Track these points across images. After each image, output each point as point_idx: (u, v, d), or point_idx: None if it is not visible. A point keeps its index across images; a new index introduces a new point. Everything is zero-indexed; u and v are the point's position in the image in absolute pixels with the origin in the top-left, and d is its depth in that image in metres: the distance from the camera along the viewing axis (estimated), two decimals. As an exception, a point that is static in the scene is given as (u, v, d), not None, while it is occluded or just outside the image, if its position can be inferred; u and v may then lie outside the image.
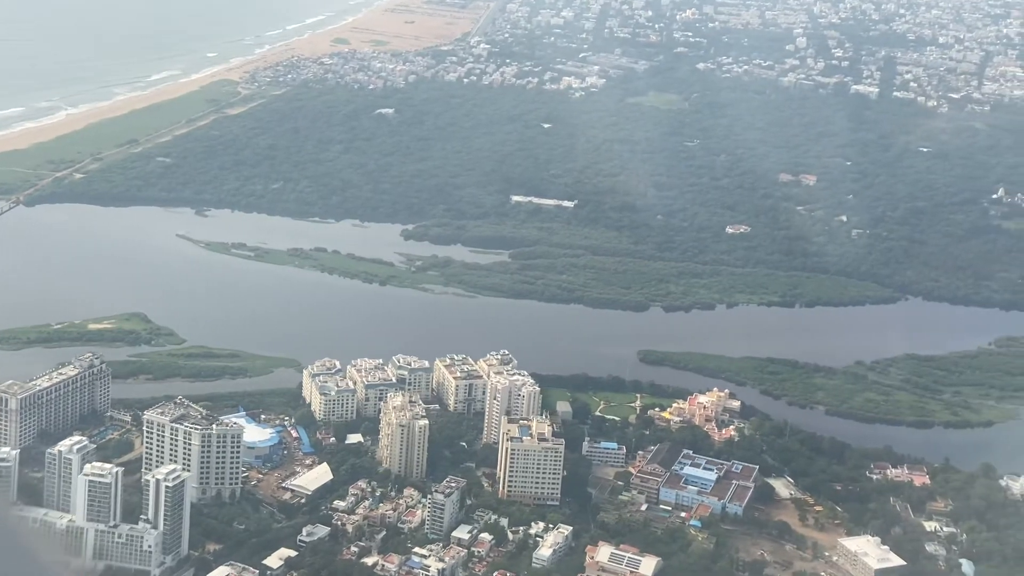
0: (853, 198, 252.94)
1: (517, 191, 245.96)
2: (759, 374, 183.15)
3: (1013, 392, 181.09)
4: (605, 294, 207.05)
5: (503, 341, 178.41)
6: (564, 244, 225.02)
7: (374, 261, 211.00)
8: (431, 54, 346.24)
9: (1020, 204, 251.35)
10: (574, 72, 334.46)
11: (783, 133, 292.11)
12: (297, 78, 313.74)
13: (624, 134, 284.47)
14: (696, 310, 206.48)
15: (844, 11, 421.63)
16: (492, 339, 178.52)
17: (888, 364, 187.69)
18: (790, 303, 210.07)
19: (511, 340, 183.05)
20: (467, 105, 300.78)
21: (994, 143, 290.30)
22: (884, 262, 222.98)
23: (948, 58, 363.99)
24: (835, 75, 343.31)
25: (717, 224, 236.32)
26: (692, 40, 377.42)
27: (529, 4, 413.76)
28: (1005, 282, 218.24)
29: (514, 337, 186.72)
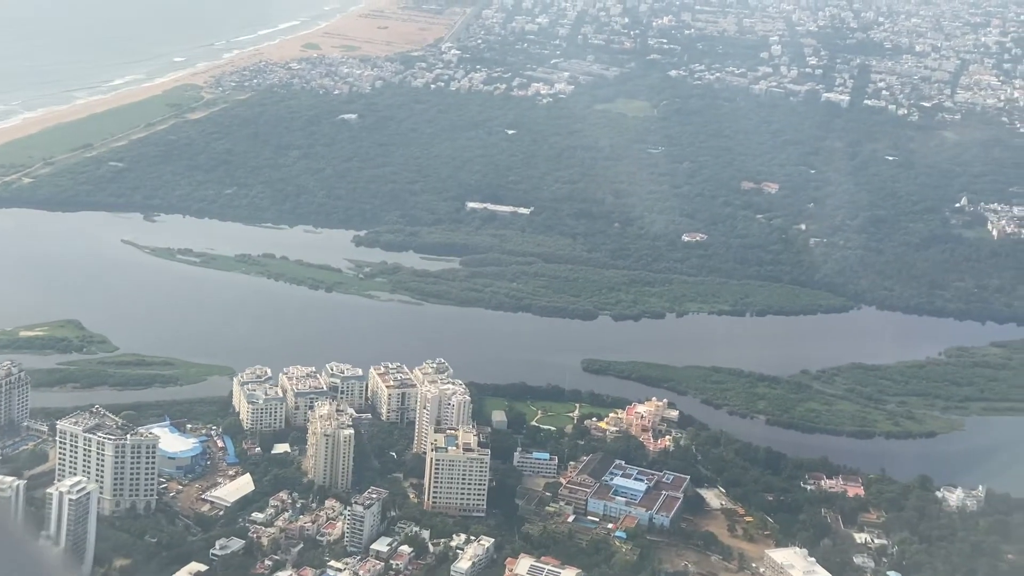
0: (814, 206, 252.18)
1: (474, 197, 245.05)
2: (702, 383, 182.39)
3: (958, 403, 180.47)
4: (554, 302, 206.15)
5: (444, 349, 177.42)
6: (517, 251, 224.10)
7: (322, 267, 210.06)
8: (400, 60, 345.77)
9: (982, 213, 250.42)
10: (543, 78, 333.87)
11: (749, 141, 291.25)
12: (262, 83, 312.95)
13: (588, 141, 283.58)
14: (645, 319, 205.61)
15: (822, 19, 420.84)
16: (433, 347, 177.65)
17: (834, 373, 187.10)
18: (741, 312, 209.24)
19: (453, 348, 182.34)
20: (432, 111, 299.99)
21: (961, 152, 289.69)
22: (839, 271, 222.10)
23: (923, 66, 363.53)
24: (807, 83, 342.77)
25: (674, 232, 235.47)
26: (666, 47, 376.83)
27: (505, 10, 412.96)
28: (960, 291, 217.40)
29: (456, 345, 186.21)
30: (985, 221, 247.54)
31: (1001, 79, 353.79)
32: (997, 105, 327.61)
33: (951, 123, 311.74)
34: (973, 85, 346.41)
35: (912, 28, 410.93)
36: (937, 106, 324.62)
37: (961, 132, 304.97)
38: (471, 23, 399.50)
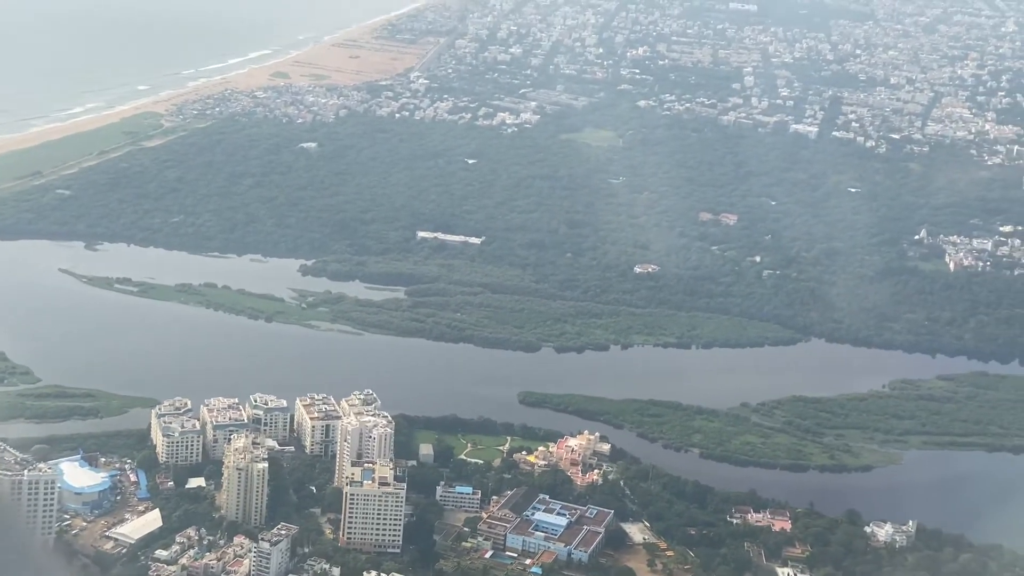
0: (771, 238, 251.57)
1: (426, 227, 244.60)
2: (639, 416, 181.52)
3: (898, 436, 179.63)
4: (496, 333, 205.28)
5: (378, 380, 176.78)
6: (464, 281, 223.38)
7: (264, 297, 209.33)
8: (367, 89, 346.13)
9: (940, 245, 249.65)
10: (510, 108, 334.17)
11: (712, 171, 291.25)
12: (225, 111, 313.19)
13: (548, 170, 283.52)
14: (589, 351, 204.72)
15: (799, 51, 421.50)
16: (367, 378, 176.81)
17: (774, 406, 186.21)
18: (687, 344, 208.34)
19: (387, 379, 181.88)
20: (393, 140, 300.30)
21: (926, 184, 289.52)
22: (788, 303, 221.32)
23: (896, 98, 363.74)
24: (777, 114, 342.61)
25: (625, 263, 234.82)
26: (638, 77, 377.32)
27: (479, 40, 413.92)
28: (910, 324, 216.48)
29: (391, 376, 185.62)
30: (943, 254, 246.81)
31: (974, 112, 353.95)
32: (967, 138, 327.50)
33: (919, 155, 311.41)
34: (945, 118, 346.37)
35: (889, 60, 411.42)
36: (906, 138, 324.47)
37: (928, 164, 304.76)
38: (443, 53, 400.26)
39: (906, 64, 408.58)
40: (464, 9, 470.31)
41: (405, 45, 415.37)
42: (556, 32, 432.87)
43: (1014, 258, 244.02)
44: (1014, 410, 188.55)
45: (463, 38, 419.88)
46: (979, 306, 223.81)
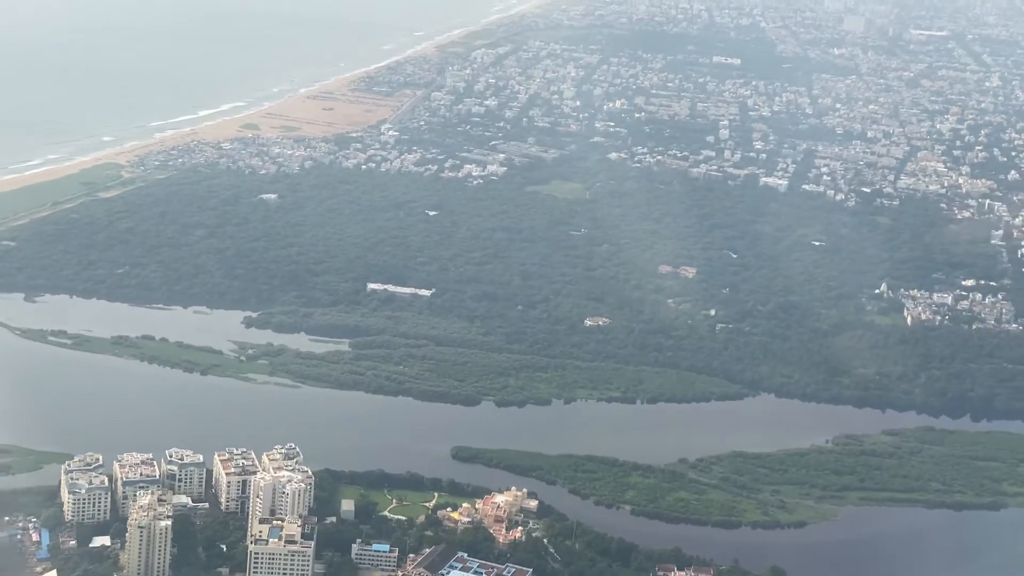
0: (728, 291, 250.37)
1: (378, 278, 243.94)
2: (573, 472, 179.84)
3: (835, 492, 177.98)
4: (436, 387, 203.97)
5: (307, 434, 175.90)
6: (410, 334, 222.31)
7: (203, 349, 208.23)
8: (335, 140, 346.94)
9: (899, 300, 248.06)
10: (478, 160, 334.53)
11: (677, 224, 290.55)
12: (187, 162, 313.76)
13: (509, 222, 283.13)
14: (530, 405, 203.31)
15: (778, 105, 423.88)
16: (297, 431, 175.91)
17: (713, 462, 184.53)
18: (631, 399, 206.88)
19: (317, 432, 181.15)
20: (356, 191, 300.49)
21: (892, 237, 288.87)
22: (738, 358, 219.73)
23: (871, 152, 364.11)
24: (749, 167, 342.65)
25: (577, 316, 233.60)
26: (612, 130, 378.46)
27: (455, 93, 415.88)
28: (861, 378, 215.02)
29: (322, 429, 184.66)
30: (902, 308, 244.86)
31: (948, 166, 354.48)
32: (939, 191, 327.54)
33: (888, 209, 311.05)
34: (919, 171, 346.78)
35: (868, 115, 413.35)
36: (876, 192, 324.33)
37: (896, 218, 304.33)
38: (418, 105, 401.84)
39: (885, 118, 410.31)
40: (444, 62, 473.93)
41: (381, 97, 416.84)
42: (535, 85, 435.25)
43: (974, 312, 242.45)
44: (957, 466, 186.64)
45: (440, 90, 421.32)
46: (932, 361, 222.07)
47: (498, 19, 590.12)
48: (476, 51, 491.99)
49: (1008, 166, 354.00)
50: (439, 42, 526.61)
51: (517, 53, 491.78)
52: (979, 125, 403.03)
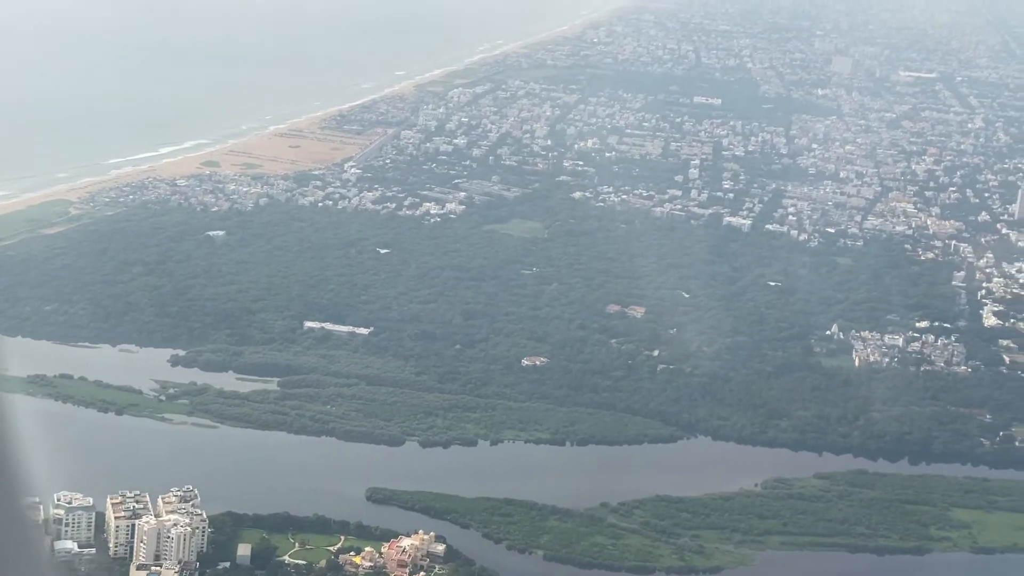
0: (675, 332, 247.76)
1: (316, 317, 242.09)
2: (489, 516, 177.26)
3: (756, 536, 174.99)
4: (361, 427, 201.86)
5: (215, 475, 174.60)
6: (341, 373, 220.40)
7: (123, 389, 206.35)
8: (295, 178, 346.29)
9: (849, 342, 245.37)
10: (437, 198, 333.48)
11: (632, 263, 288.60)
12: (139, 199, 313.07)
13: (460, 261, 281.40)
14: (455, 446, 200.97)
15: (753, 144, 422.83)
16: (204, 473, 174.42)
17: (635, 506, 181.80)
18: (560, 441, 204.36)
19: (225, 474, 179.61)
20: (308, 229, 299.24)
21: (851, 279, 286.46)
22: (676, 399, 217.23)
23: (841, 192, 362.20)
24: (714, 206, 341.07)
25: (515, 355, 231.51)
26: (580, 169, 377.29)
27: (426, 131, 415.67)
28: (799, 421, 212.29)
29: (232, 471, 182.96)
30: (851, 349, 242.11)
31: (919, 207, 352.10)
32: (906, 232, 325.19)
33: (851, 249, 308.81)
34: (887, 212, 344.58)
35: (844, 155, 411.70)
36: (841, 232, 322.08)
37: (859, 259, 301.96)
38: (387, 144, 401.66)
39: (860, 159, 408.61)
40: (420, 101, 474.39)
41: (351, 136, 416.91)
42: (507, 124, 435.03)
43: (924, 354, 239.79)
44: (886, 510, 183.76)
45: (411, 129, 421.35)
46: (874, 403, 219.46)
47: (482, 59, 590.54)
48: (453, 90, 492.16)
49: (979, 207, 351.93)
50: (419, 81, 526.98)
51: (495, 92, 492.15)
52: (956, 167, 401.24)
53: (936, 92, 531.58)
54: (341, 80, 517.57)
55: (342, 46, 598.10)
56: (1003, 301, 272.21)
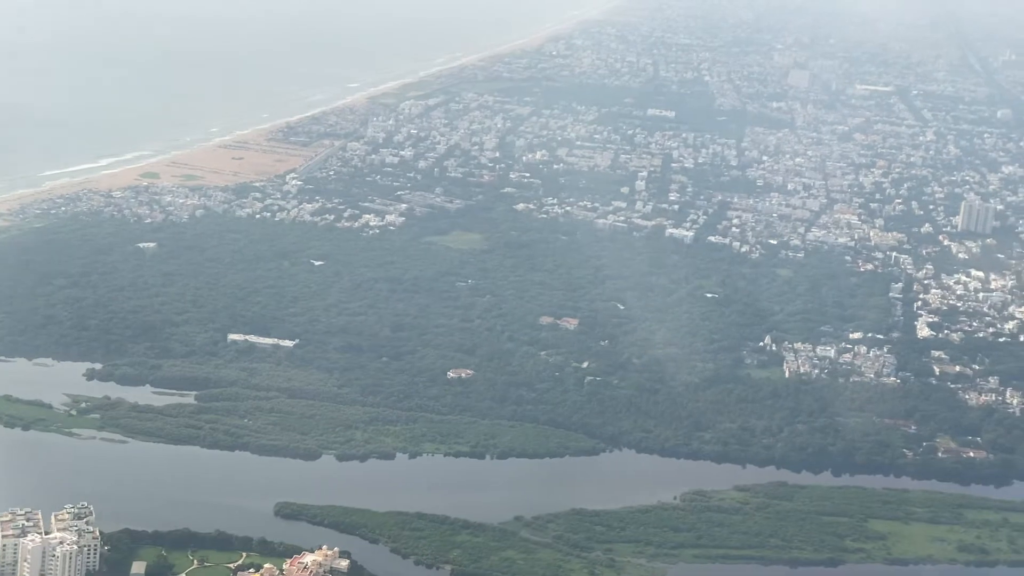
0: (607, 343, 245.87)
1: (242, 329, 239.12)
2: (399, 530, 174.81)
3: (669, 550, 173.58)
4: (276, 441, 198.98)
5: (119, 491, 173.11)
6: (262, 386, 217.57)
7: (32, 403, 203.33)
8: (235, 189, 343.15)
9: (781, 353, 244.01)
10: (378, 210, 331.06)
11: (570, 275, 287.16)
12: (70, 211, 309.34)
13: (395, 273, 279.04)
14: (373, 459, 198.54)
15: (704, 157, 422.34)
16: (108, 488, 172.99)
17: (549, 519, 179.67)
18: (480, 454, 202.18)
19: (130, 489, 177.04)
20: (243, 241, 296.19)
21: (789, 290, 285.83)
22: (600, 412, 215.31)
23: (787, 204, 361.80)
24: (658, 218, 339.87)
25: (441, 368, 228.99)
26: (526, 181, 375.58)
27: (373, 143, 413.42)
28: (724, 433, 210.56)
29: (137, 486, 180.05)
30: (783, 361, 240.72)
31: (863, 218, 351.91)
32: (848, 244, 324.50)
33: (792, 261, 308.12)
34: (831, 224, 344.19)
35: (793, 167, 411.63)
36: (783, 244, 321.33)
37: (798, 270, 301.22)
38: (332, 156, 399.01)
39: (809, 171, 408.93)
40: (371, 113, 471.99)
41: (297, 147, 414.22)
42: (457, 136, 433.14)
43: (854, 365, 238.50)
44: (802, 522, 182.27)
45: (359, 140, 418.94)
46: (800, 415, 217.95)
47: (438, 71, 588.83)
48: (405, 102, 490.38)
49: (923, 219, 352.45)
50: (372, 93, 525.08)
51: (447, 104, 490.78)
52: (903, 179, 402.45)
53: (891, 105, 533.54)
54: (292, 92, 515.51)
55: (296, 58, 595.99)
56: (939, 312, 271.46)
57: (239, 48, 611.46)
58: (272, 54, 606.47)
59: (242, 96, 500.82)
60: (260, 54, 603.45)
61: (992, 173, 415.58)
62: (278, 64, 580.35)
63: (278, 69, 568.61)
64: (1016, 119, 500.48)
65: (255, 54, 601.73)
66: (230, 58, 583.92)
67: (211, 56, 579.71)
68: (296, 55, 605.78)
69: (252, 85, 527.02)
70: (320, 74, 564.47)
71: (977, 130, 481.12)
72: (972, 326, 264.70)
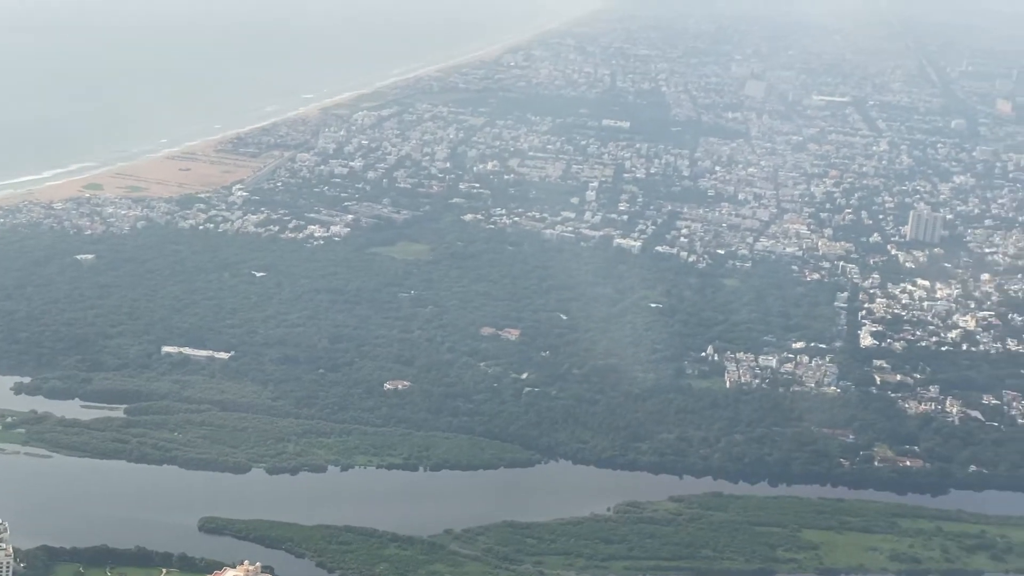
0: (548, 354, 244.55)
1: (177, 341, 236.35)
2: (326, 544, 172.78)
3: (600, 562, 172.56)
4: (205, 454, 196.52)
5: (38, 506, 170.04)
6: (195, 399, 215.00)
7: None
8: (179, 201, 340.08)
9: (723, 363, 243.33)
10: (323, 220, 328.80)
11: (515, 285, 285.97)
12: (9, 223, 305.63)
13: (338, 284, 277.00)
14: (304, 472, 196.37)
15: (656, 167, 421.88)
16: (28, 504, 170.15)
17: (480, 532, 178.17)
18: (414, 466, 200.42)
19: (50, 505, 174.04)
20: (184, 252, 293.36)
21: (734, 300, 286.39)
22: (537, 423, 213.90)
23: (737, 215, 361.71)
24: (606, 228, 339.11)
25: (378, 379, 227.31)
26: (476, 191, 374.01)
27: (323, 154, 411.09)
28: (661, 443, 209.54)
29: (59, 502, 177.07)
30: (724, 371, 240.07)
31: (812, 228, 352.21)
32: (796, 254, 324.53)
33: (739, 271, 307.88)
34: (780, 234, 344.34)
35: (745, 177, 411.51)
36: (730, 253, 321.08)
37: (744, 280, 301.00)
38: (281, 167, 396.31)
39: (761, 181, 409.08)
40: (322, 124, 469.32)
41: (246, 159, 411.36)
42: (408, 146, 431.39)
43: (796, 375, 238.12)
44: (735, 532, 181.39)
45: (309, 151, 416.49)
46: (739, 425, 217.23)
47: (393, 82, 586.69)
48: (358, 113, 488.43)
49: (872, 229, 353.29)
50: (326, 104, 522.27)
51: (401, 115, 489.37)
52: (855, 189, 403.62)
53: (846, 116, 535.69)
54: (245, 103, 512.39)
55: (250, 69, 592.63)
56: (882, 322, 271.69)
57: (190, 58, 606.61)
58: (225, 64, 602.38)
59: (194, 107, 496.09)
60: (213, 64, 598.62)
61: (944, 183, 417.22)
62: (231, 75, 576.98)
63: (231, 80, 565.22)
64: (970, 129, 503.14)
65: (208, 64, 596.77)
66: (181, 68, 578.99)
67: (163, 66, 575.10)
68: (250, 66, 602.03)
69: (204, 96, 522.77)
70: (274, 85, 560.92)
71: (931, 140, 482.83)
72: (915, 335, 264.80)
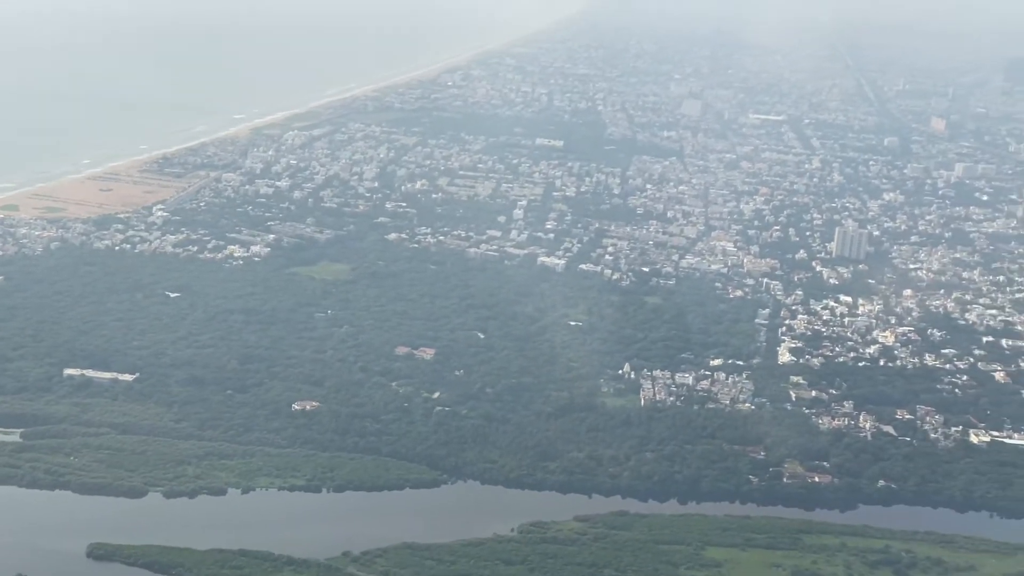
0: (462, 373, 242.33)
1: (81, 364, 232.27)
2: (218, 569, 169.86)
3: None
4: (100, 478, 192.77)
5: None
6: (93, 422, 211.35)
7: None
8: (96, 221, 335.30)
9: (638, 381, 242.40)
10: (244, 240, 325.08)
11: (433, 304, 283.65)
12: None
13: (253, 304, 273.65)
14: (203, 495, 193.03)
15: (586, 185, 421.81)
16: None
17: (378, 554, 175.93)
18: (316, 488, 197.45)
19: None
20: (97, 273, 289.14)
21: (654, 317, 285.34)
22: (446, 442, 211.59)
23: (664, 232, 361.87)
24: (531, 247, 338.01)
25: (286, 400, 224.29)
26: (402, 211, 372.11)
27: (251, 174, 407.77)
28: (570, 463, 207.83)
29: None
30: (640, 389, 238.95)
31: (738, 245, 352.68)
32: (720, 271, 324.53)
33: (662, 288, 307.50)
34: (706, 251, 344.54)
35: (675, 195, 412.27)
36: (655, 271, 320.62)
37: (667, 297, 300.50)
38: (205, 187, 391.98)
39: (691, 199, 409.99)
40: (252, 143, 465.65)
41: (171, 179, 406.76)
42: (337, 166, 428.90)
43: (711, 392, 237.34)
44: (639, 551, 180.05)
45: (235, 172, 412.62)
46: (650, 443, 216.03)
47: (328, 102, 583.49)
48: (289, 132, 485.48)
49: (798, 246, 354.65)
50: (257, 124, 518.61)
51: (332, 135, 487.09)
52: (784, 206, 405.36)
53: (781, 134, 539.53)
54: (173, 123, 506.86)
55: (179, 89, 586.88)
56: (802, 338, 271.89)
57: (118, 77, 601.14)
58: (152, 82, 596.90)
59: (120, 128, 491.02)
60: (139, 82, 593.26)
61: (873, 200, 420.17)
62: (158, 93, 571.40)
63: (158, 99, 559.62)
64: (902, 146, 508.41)
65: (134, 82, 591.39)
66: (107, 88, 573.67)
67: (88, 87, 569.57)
68: (179, 86, 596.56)
69: (130, 116, 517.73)
70: (204, 106, 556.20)
71: (863, 157, 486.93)
72: (834, 351, 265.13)
